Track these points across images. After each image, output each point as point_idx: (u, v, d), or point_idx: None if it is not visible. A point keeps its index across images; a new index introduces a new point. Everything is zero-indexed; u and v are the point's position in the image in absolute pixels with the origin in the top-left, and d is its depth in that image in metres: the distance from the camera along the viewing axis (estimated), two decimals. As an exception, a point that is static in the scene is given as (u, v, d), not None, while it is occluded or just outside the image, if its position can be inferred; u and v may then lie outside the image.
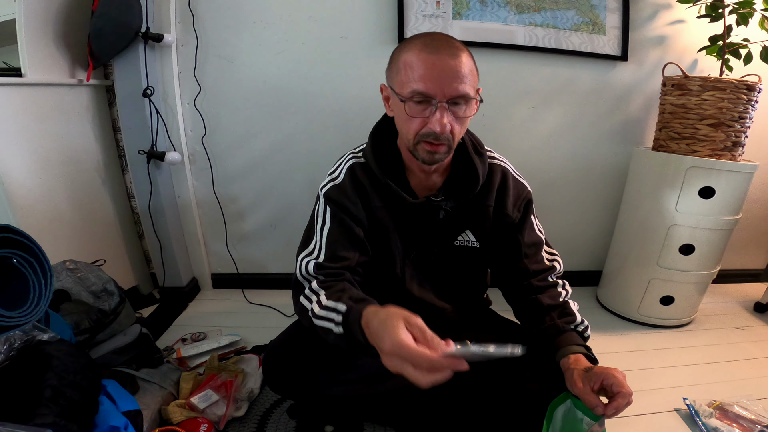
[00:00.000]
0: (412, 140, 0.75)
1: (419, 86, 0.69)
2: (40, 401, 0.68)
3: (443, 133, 0.71)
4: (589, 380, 0.71)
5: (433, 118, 0.71)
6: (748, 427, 0.97)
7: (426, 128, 0.72)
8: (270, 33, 1.41)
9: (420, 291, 0.91)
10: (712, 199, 1.33)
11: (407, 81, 0.71)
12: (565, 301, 0.87)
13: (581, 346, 0.81)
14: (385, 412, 0.90)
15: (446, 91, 0.69)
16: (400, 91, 0.73)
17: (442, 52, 0.69)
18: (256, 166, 1.55)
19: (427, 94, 0.70)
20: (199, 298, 1.63)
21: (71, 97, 1.29)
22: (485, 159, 0.85)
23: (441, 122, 0.70)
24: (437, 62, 0.69)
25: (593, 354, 0.81)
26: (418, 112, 0.72)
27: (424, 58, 0.69)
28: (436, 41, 0.71)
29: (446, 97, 0.69)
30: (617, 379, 0.67)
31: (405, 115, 0.73)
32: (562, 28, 1.47)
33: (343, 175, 0.84)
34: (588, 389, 0.70)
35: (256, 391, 1.04)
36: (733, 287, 1.88)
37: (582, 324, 0.84)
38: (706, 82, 1.29)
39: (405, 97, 0.71)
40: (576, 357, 0.78)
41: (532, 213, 0.91)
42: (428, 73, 0.69)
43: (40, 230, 1.14)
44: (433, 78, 0.69)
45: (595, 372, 0.71)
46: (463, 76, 0.70)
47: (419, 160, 0.76)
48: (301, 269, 0.81)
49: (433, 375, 0.53)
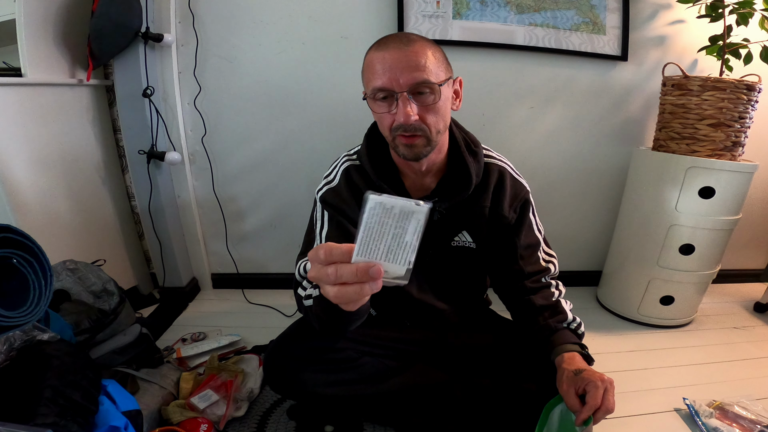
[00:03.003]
0: (390, 137, 0.76)
1: (377, 82, 0.71)
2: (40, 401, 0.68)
3: (407, 123, 0.71)
4: (575, 383, 0.72)
5: (397, 111, 0.71)
6: (748, 427, 0.97)
7: (396, 121, 0.73)
8: (270, 33, 1.41)
9: (419, 292, 0.91)
10: (712, 199, 1.33)
11: (368, 81, 0.74)
12: (557, 300, 0.87)
13: (575, 344, 0.81)
14: (385, 412, 0.90)
15: (402, 81, 0.70)
16: (367, 91, 0.75)
17: (392, 46, 0.71)
18: (256, 166, 1.55)
19: (385, 88, 0.71)
20: (199, 298, 1.63)
21: (71, 97, 1.29)
22: (480, 158, 0.85)
23: (404, 112, 0.70)
24: (387, 55, 0.70)
25: (588, 351, 0.82)
26: (384, 108, 0.73)
27: (377, 55, 0.72)
28: (389, 38, 0.73)
29: (404, 87, 0.70)
30: (596, 392, 0.69)
31: (376, 114, 0.75)
32: (562, 28, 1.47)
33: (338, 178, 0.85)
34: (572, 392, 0.72)
35: (256, 391, 1.04)
36: (733, 287, 1.88)
37: (574, 322, 0.85)
38: (706, 82, 1.29)
39: (370, 95, 0.74)
40: (571, 355, 0.78)
41: (531, 213, 0.91)
42: (381, 67, 0.70)
43: (40, 230, 1.14)
44: (386, 71, 0.70)
45: (582, 376, 0.72)
46: (418, 63, 0.70)
47: (401, 156, 0.77)
48: (299, 270, 0.82)
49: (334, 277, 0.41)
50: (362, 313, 0.68)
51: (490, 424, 0.85)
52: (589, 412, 0.67)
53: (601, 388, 0.69)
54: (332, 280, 0.40)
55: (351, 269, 0.39)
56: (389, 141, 0.78)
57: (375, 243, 0.39)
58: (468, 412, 0.86)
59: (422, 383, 0.88)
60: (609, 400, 0.69)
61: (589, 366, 0.77)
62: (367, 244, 0.39)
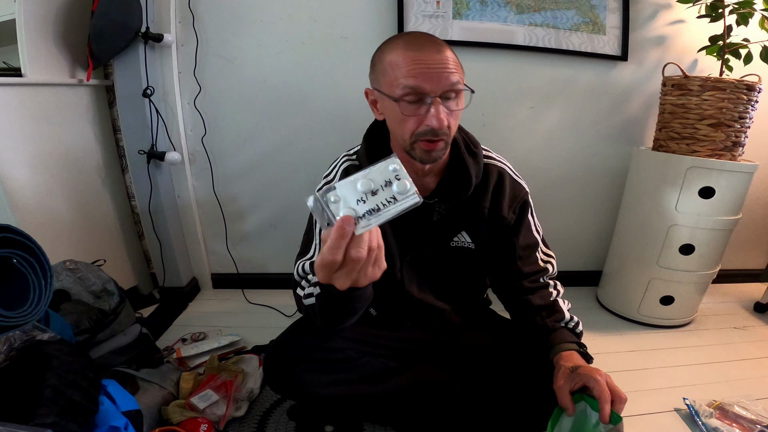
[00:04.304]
0: (409, 140, 0.73)
1: (410, 81, 0.69)
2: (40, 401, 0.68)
3: (441, 128, 0.70)
4: (572, 380, 0.72)
5: (429, 115, 0.70)
6: (748, 427, 0.97)
7: (423, 126, 0.71)
8: (270, 33, 1.41)
9: (419, 292, 0.91)
10: (712, 199, 1.33)
11: (394, 80, 0.70)
12: (555, 300, 0.87)
13: (573, 342, 0.81)
14: (385, 412, 0.90)
15: (438, 85, 0.69)
16: (390, 92, 0.71)
17: (427, 48, 0.70)
18: (256, 166, 1.55)
19: (420, 89, 0.69)
20: (199, 298, 1.63)
21: (71, 97, 1.29)
22: (479, 159, 0.85)
23: (438, 117, 0.69)
24: (424, 57, 0.69)
25: (586, 350, 0.82)
26: (412, 111, 0.71)
27: (410, 55, 0.69)
28: (417, 38, 0.72)
29: (439, 91, 0.69)
30: (599, 385, 0.68)
31: (399, 116, 0.72)
32: (562, 28, 1.47)
33: (338, 178, 0.85)
34: (566, 388, 0.71)
35: (256, 391, 1.04)
36: (733, 287, 1.88)
37: (572, 321, 0.85)
38: (706, 82, 1.29)
39: (397, 96, 0.70)
40: (569, 354, 0.78)
41: (530, 214, 0.91)
42: (417, 69, 0.68)
43: (40, 230, 1.14)
44: (423, 73, 0.68)
45: (579, 373, 0.72)
46: (451, 67, 0.70)
47: (417, 159, 0.75)
48: (298, 269, 0.82)
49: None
50: (367, 296, 0.67)
51: (491, 423, 0.85)
52: (607, 403, 0.66)
53: (602, 381, 0.68)
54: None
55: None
56: (405, 144, 0.75)
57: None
58: (468, 412, 0.86)
59: (422, 383, 0.88)
60: (617, 390, 0.68)
61: (587, 364, 0.77)
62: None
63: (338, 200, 0.45)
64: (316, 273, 0.49)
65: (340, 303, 0.65)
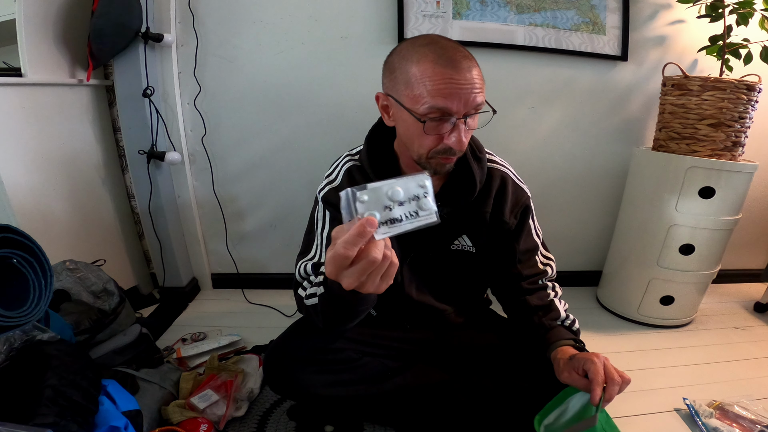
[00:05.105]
0: (425, 156, 0.73)
1: (438, 102, 0.66)
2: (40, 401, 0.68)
3: (462, 150, 0.70)
4: (573, 367, 0.71)
5: (451, 136, 0.69)
6: (748, 427, 0.97)
7: (442, 145, 0.70)
8: (270, 33, 1.41)
9: (419, 294, 0.91)
10: (712, 199, 1.33)
11: (422, 96, 0.67)
12: (551, 300, 0.88)
13: (570, 339, 0.81)
14: (385, 412, 0.90)
15: (466, 107, 0.67)
16: (413, 107, 0.69)
17: (459, 66, 0.66)
18: (256, 166, 1.55)
19: (447, 111, 0.67)
20: (199, 298, 1.63)
21: (71, 97, 1.29)
22: (484, 164, 0.85)
23: (460, 140, 0.69)
24: (456, 76, 0.66)
25: (582, 344, 0.81)
26: (434, 130, 0.69)
27: (442, 73, 0.65)
28: (449, 52, 0.67)
29: (464, 112, 0.68)
30: (595, 367, 0.67)
31: (419, 132, 0.70)
32: (562, 28, 1.47)
33: (340, 178, 0.84)
34: (574, 375, 0.71)
35: (256, 391, 1.04)
36: (733, 287, 1.88)
37: (568, 319, 0.85)
38: (706, 82, 1.29)
39: (421, 113, 0.68)
40: (565, 349, 0.78)
41: (531, 218, 0.91)
42: (447, 89, 0.65)
43: (40, 230, 1.14)
44: (453, 94, 0.66)
45: (577, 358, 0.71)
46: (479, 87, 0.68)
47: (429, 171, 0.74)
48: (300, 271, 0.82)
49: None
50: (371, 300, 0.67)
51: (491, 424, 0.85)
52: (599, 386, 0.65)
53: (599, 363, 0.67)
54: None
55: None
56: (420, 158, 0.74)
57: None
58: (468, 413, 0.86)
59: (422, 383, 0.88)
60: (611, 370, 0.67)
61: None
62: None
63: (365, 201, 0.45)
64: (326, 265, 0.49)
65: (343, 305, 0.65)
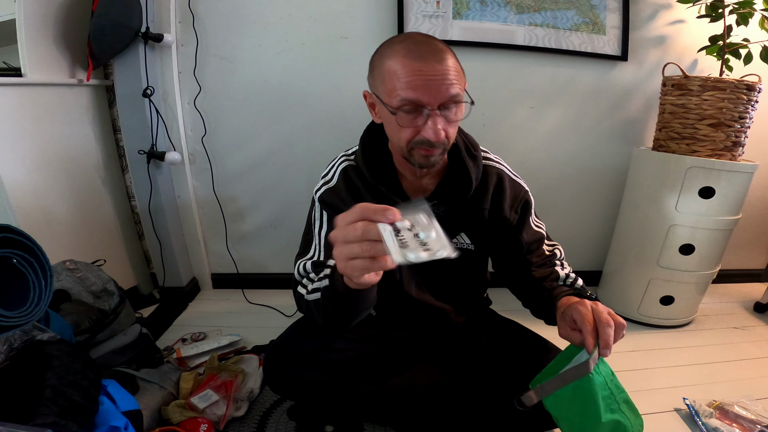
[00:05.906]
0: (405, 148, 0.73)
1: (408, 94, 0.67)
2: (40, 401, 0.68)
3: (438, 140, 0.70)
4: (564, 320, 0.70)
5: (426, 127, 0.69)
6: (748, 427, 0.97)
7: (419, 136, 0.70)
8: (270, 33, 1.41)
9: (418, 293, 0.91)
10: (712, 199, 1.33)
11: (393, 89, 0.68)
12: (554, 269, 0.86)
13: (569, 291, 0.79)
14: (385, 412, 0.90)
15: (437, 98, 0.67)
16: (389, 101, 0.70)
17: (428, 58, 0.67)
18: (256, 166, 1.55)
19: (418, 102, 0.67)
20: (199, 298, 1.63)
21: (71, 97, 1.29)
22: (479, 162, 0.84)
23: (435, 130, 0.68)
24: (424, 68, 0.66)
25: (585, 292, 0.79)
26: (409, 122, 0.70)
27: (411, 66, 0.67)
28: (419, 45, 0.68)
29: (437, 104, 0.68)
30: (580, 315, 0.65)
31: (396, 125, 0.71)
32: (562, 28, 1.47)
33: (336, 178, 0.84)
34: (568, 330, 0.68)
35: (256, 391, 1.04)
36: (733, 287, 1.88)
37: (569, 278, 0.84)
38: (706, 82, 1.29)
39: (394, 107, 0.69)
40: (565, 299, 0.75)
41: (532, 212, 0.91)
42: (416, 81, 0.66)
43: (40, 230, 1.14)
44: (422, 85, 0.66)
45: (567, 310, 0.69)
46: (452, 78, 0.68)
47: (415, 165, 0.75)
48: (299, 269, 0.81)
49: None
50: (370, 300, 0.67)
51: (490, 424, 0.85)
52: (589, 333, 0.62)
53: (585, 311, 0.65)
54: (358, 235, 0.47)
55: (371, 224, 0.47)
56: (403, 151, 0.75)
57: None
58: (468, 412, 0.86)
59: (422, 383, 0.88)
60: (602, 313, 0.63)
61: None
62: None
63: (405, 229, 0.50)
64: (335, 221, 0.50)
65: (344, 302, 0.65)
